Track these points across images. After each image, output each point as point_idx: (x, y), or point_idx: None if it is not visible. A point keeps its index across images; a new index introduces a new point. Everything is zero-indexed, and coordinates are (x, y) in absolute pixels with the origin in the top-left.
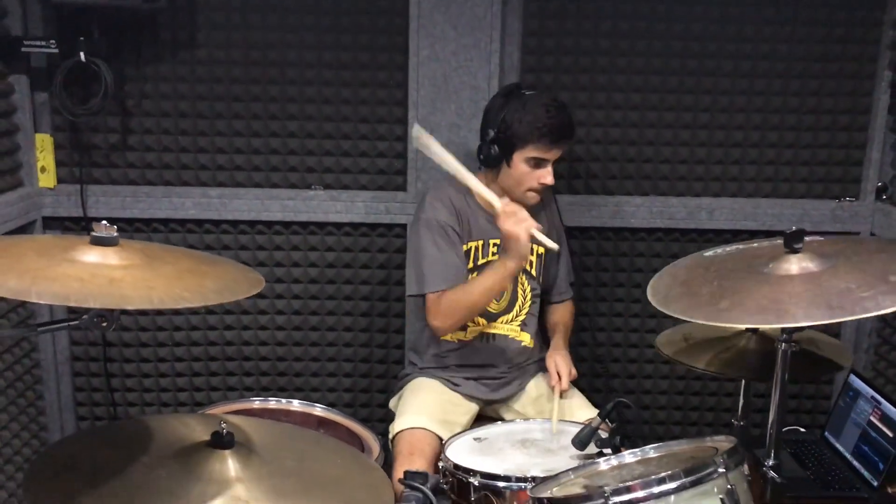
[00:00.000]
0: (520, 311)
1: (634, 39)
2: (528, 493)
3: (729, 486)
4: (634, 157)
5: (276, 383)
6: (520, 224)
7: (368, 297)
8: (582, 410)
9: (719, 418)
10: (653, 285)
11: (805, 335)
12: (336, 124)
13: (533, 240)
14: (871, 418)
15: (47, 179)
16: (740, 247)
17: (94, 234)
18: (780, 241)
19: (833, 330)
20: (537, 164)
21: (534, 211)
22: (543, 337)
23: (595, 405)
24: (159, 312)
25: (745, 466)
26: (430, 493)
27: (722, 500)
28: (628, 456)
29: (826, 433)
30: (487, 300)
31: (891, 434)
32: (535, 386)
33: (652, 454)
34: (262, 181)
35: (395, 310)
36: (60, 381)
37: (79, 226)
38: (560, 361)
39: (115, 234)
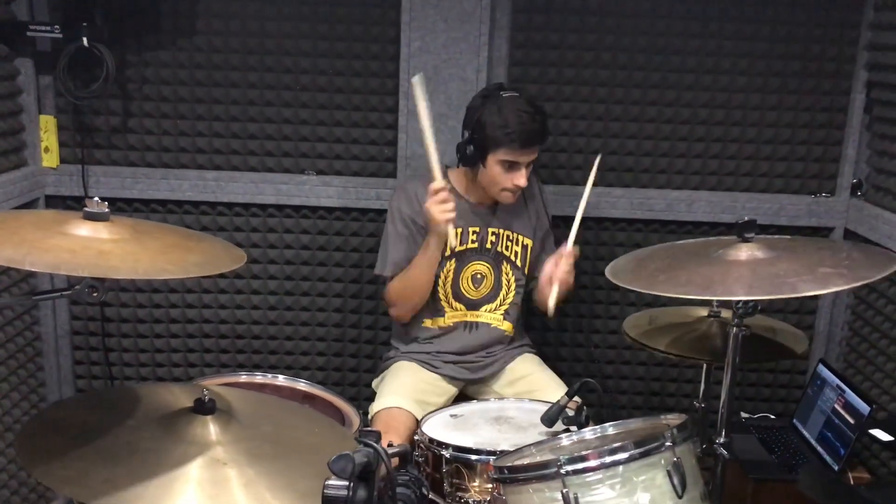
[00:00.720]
0: (503, 300)
1: (620, 35)
2: (491, 463)
3: (675, 459)
4: (617, 149)
5: (267, 360)
6: (442, 213)
7: (358, 279)
8: (554, 390)
9: (680, 403)
10: (614, 263)
11: (765, 323)
12: (329, 112)
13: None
14: (836, 406)
15: (50, 159)
16: (712, 239)
17: (86, 209)
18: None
19: (807, 322)
20: (510, 166)
21: (519, 205)
22: (526, 325)
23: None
24: (156, 290)
25: (697, 443)
26: (381, 448)
27: (668, 472)
28: (588, 433)
29: (794, 420)
30: (425, 276)
31: (852, 421)
32: (515, 369)
33: (610, 431)
34: (257, 165)
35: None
36: (60, 354)
37: (80, 205)
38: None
39: (107, 210)
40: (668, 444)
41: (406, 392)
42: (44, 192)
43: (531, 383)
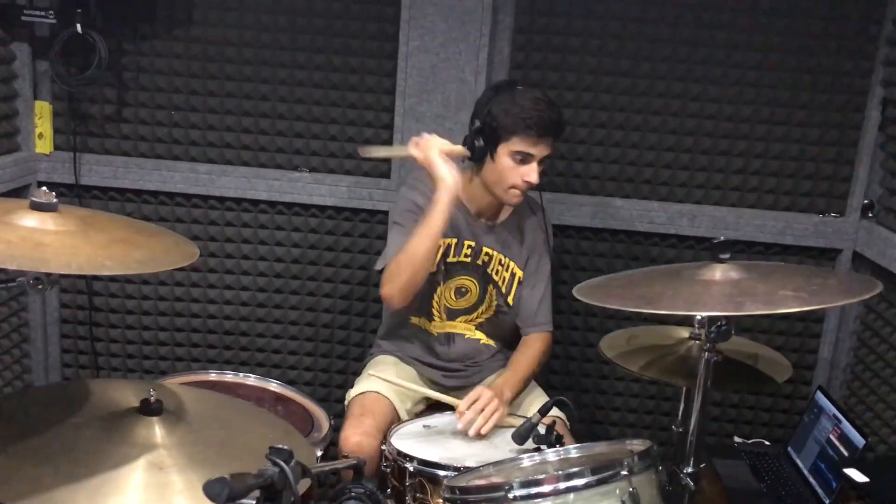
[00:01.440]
0: (479, 315)
1: (624, 41)
2: (445, 482)
3: (631, 489)
4: (618, 158)
5: (254, 358)
6: (425, 148)
7: (348, 280)
8: (535, 404)
9: (659, 422)
10: (585, 283)
11: (749, 349)
12: (324, 108)
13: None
14: (831, 436)
15: (44, 146)
16: (674, 265)
17: (33, 199)
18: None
19: (810, 346)
20: (522, 159)
21: (521, 230)
22: (509, 344)
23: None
24: (145, 281)
25: (662, 472)
26: (288, 468)
27: (623, 502)
28: (551, 454)
29: (789, 448)
30: (428, 244)
31: (846, 453)
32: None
33: (573, 454)
34: (250, 160)
35: (374, 294)
36: (49, 343)
37: (72, 193)
38: (483, 393)
39: (55, 200)
40: (624, 472)
41: (386, 379)
42: (36, 178)
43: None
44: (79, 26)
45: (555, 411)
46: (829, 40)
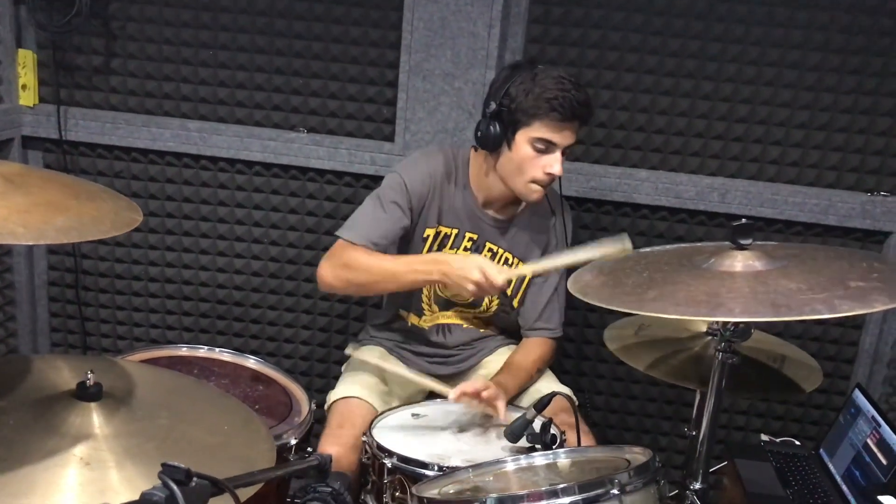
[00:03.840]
0: (477, 314)
1: None
2: (414, 489)
3: None
4: (644, 125)
5: (248, 330)
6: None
7: None
8: (546, 384)
9: (677, 419)
10: (574, 277)
11: (774, 348)
12: (324, 63)
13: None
14: (868, 441)
15: (28, 97)
16: (682, 245)
17: None
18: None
19: (851, 338)
20: (544, 148)
21: (527, 223)
22: (511, 334)
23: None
24: (135, 245)
25: (665, 486)
26: (176, 491)
27: None
28: (539, 458)
29: (821, 450)
30: (385, 286)
31: (885, 462)
32: (493, 361)
33: (563, 459)
34: (244, 118)
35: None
36: (37, 305)
37: (59, 149)
38: (478, 383)
39: None
40: (614, 491)
41: (367, 381)
42: (20, 132)
43: None
44: None
45: (560, 387)
46: None
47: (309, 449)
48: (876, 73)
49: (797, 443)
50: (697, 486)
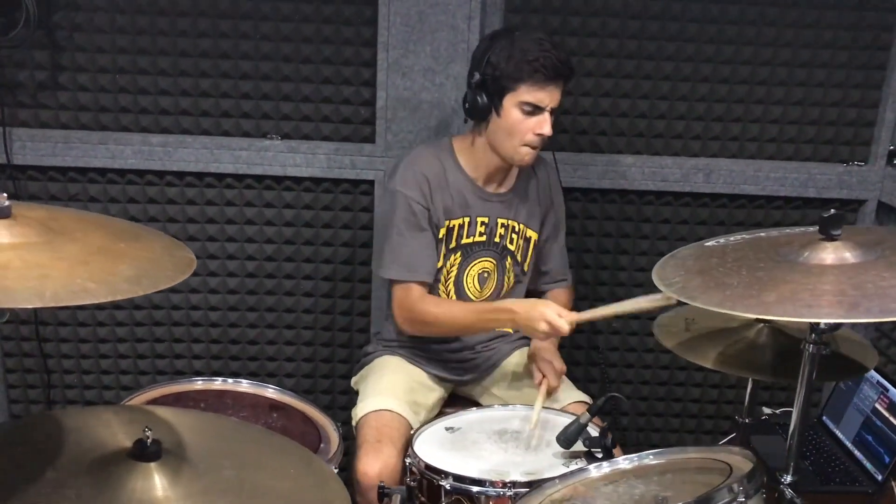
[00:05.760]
0: (502, 297)
1: None
2: None
3: None
4: (627, 111)
5: (227, 367)
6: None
7: (330, 259)
8: (566, 394)
9: (721, 410)
10: (661, 276)
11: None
12: (295, 65)
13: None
14: (877, 406)
15: None
16: (745, 236)
17: None
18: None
19: None
20: (532, 110)
21: (530, 191)
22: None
23: (590, 395)
24: None
25: (763, 495)
26: None
27: None
28: (623, 462)
29: (823, 417)
30: (465, 333)
31: None
32: (513, 362)
33: (651, 461)
34: (212, 128)
35: (361, 274)
36: None
37: (4, 174)
38: (544, 355)
39: (7, 203)
40: (740, 499)
41: (395, 392)
42: None
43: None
44: None
45: (575, 394)
46: None
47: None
48: (846, 47)
49: None
50: (789, 479)
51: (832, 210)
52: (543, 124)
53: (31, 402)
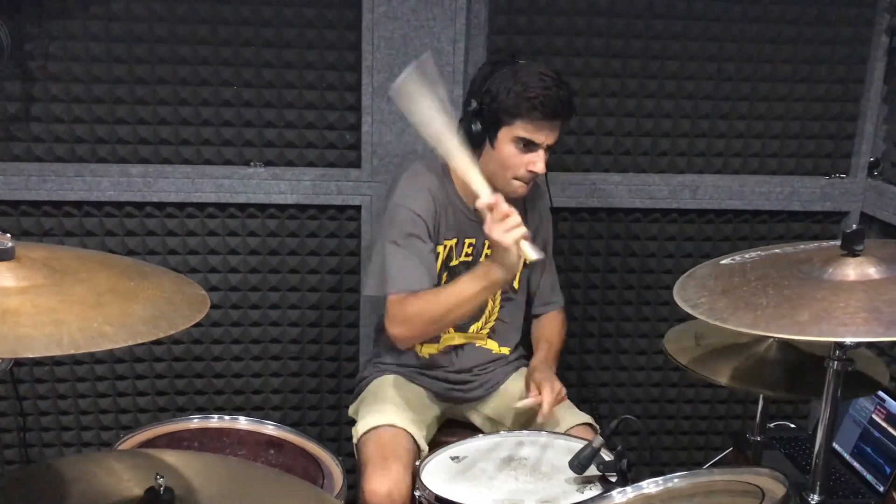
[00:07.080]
0: (489, 316)
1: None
2: None
3: None
4: (613, 129)
5: (212, 402)
6: (510, 233)
7: (317, 287)
8: (570, 417)
9: (717, 427)
10: (683, 297)
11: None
12: (278, 91)
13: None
14: (874, 416)
15: None
16: (761, 253)
17: None
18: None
19: None
20: (526, 146)
21: (516, 207)
22: (524, 340)
23: (596, 418)
24: None
25: None
26: None
27: None
28: (649, 486)
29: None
30: (461, 313)
31: None
32: (511, 386)
33: (678, 483)
34: (193, 157)
35: (348, 301)
36: None
37: None
38: (541, 378)
39: (10, 244)
40: None
41: (395, 408)
42: None
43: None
44: None
45: (579, 416)
46: None
47: None
48: (824, 60)
49: (791, 425)
50: (816, 498)
51: (854, 226)
52: (537, 161)
53: (6, 460)
